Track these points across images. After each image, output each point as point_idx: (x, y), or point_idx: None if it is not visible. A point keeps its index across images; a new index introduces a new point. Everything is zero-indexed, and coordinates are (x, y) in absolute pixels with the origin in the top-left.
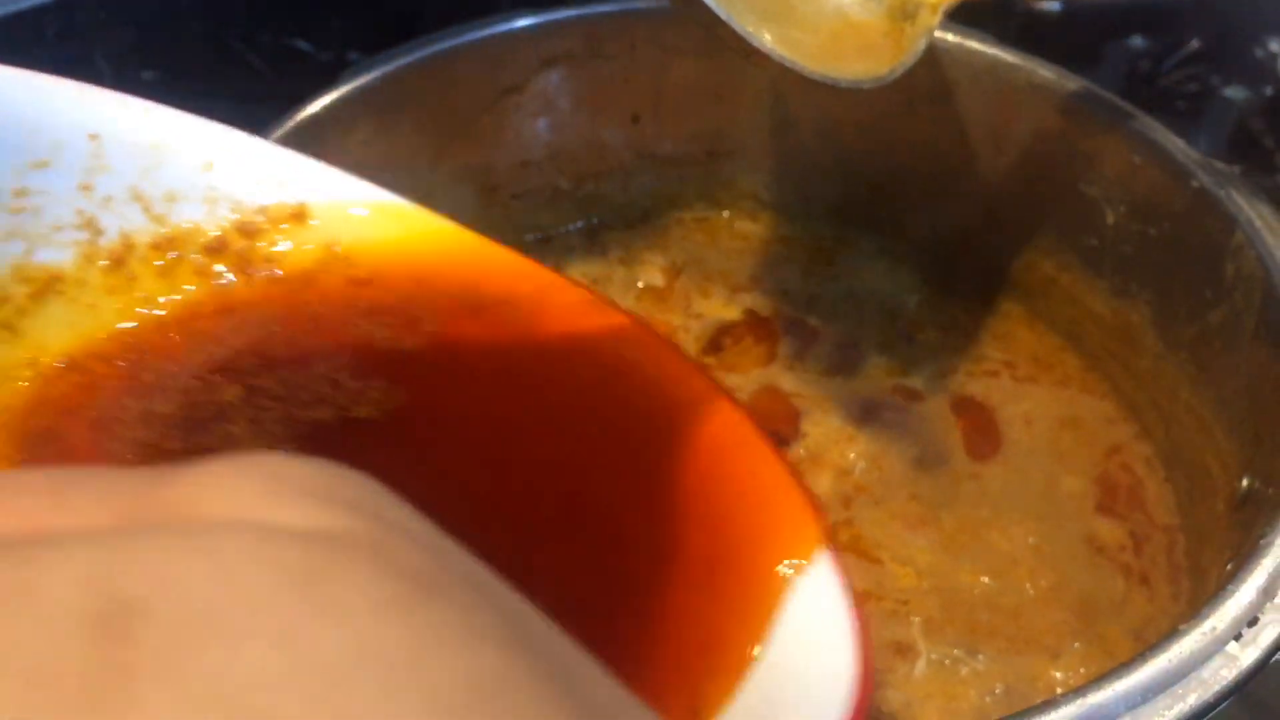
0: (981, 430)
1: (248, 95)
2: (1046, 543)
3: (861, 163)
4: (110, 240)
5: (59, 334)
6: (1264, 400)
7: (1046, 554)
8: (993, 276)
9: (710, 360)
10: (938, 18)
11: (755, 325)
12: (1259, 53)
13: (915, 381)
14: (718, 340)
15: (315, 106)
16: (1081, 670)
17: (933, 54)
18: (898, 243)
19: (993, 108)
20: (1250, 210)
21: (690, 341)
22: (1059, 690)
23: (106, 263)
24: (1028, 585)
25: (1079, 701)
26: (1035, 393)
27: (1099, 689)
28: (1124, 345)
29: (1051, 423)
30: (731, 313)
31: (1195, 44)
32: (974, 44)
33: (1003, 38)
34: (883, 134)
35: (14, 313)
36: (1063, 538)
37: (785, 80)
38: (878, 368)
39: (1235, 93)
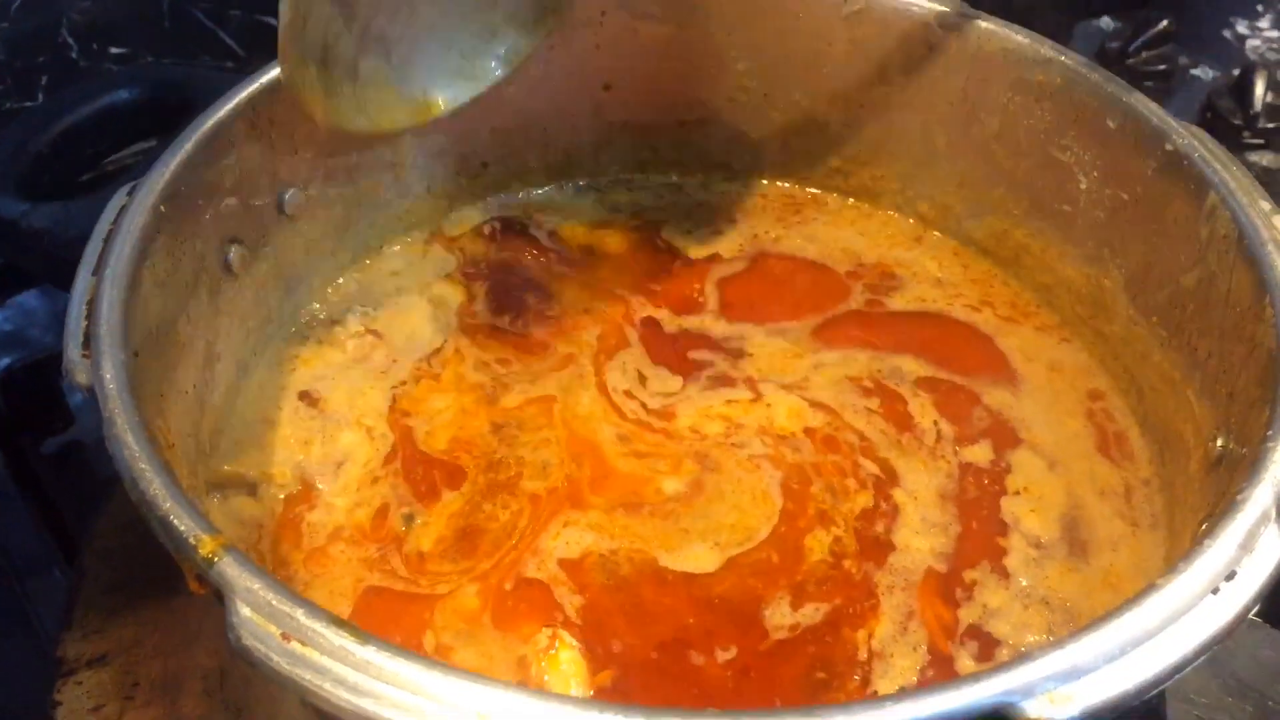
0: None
1: (218, 70)
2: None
3: (837, 132)
4: None
5: None
6: (1237, 360)
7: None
8: (966, 243)
9: None
10: None
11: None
12: (1226, 33)
13: (894, 302)
14: None
15: (277, 71)
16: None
17: (905, 21)
18: (868, 203)
19: (966, 74)
20: (1224, 171)
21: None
22: None
23: None
24: None
25: (1056, 654)
26: (1021, 332)
27: (1077, 641)
28: (1095, 311)
29: (1043, 364)
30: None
31: (1164, 24)
32: (946, 8)
33: None
34: (857, 102)
35: None
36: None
37: (760, 52)
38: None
39: (1203, 72)
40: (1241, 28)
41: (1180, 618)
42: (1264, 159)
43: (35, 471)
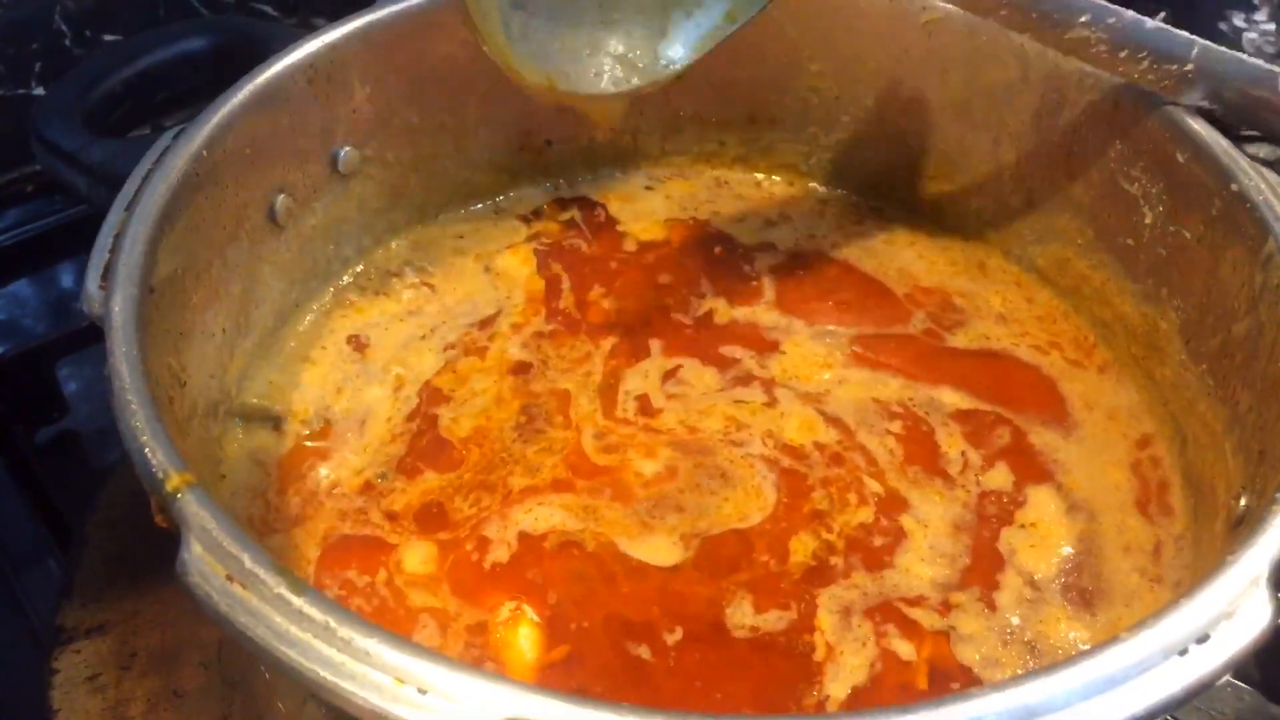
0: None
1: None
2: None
3: (908, 141)
4: None
5: None
6: (1273, 416)
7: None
8: (1027, 269)
9: None
10: None
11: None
12: (1223, 26)
13: (957, 340)
14: None
15: (341, 30)
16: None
17: (985, 32)
18: (932, 221)
19: (1041, 92)
20: None
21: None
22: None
23: None
24: None
25: (995, 696)
26: (1085, 377)
27: (1037, 680)
28: (1149, 352)
29: (1102, 411)
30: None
31: (1161, 17)
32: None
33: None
34: (930, 112)
35: None
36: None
37: (834, 53)
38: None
39: None
40: (1238, 20)
41: (1139, 675)
42: (1261, 151)
43: (28, 462)
